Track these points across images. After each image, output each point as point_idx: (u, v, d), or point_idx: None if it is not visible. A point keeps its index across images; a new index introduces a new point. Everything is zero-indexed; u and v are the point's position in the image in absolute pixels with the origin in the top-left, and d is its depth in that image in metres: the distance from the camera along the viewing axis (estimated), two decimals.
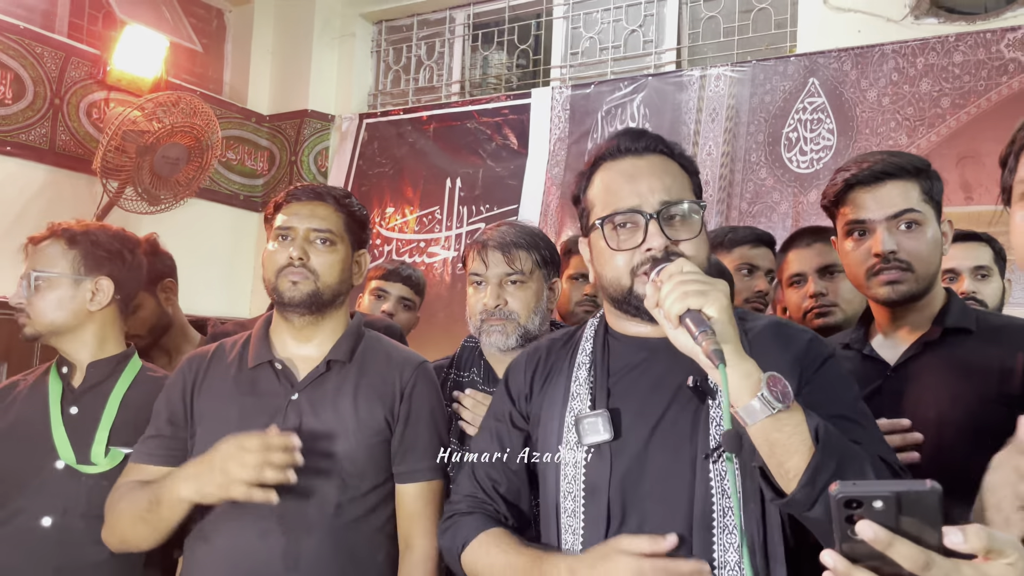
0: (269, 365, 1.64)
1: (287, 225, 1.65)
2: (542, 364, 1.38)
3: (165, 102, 3.70)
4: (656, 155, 1.28)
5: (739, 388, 1.04)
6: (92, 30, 4.14)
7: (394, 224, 4.56)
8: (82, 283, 1.79)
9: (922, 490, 0.70)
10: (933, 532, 0.71)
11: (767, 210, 3.58)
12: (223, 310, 4.13)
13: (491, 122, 4.37)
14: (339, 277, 1.66)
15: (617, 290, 1.25)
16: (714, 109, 3.76)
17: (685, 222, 1.24)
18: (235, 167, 4.67)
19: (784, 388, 1.03)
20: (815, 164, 3.50)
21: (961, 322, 1.48)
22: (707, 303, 1.05)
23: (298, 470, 1.51)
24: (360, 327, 1.73)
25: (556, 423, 1.27)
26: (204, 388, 1.64)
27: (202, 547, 1.56)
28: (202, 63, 4.68)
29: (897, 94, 3.34)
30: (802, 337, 1.26)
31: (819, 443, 1.02)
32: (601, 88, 4.05)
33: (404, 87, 4.85)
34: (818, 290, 2.04)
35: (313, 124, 4.78)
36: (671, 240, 1.21)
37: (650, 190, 1.23)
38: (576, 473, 1.22)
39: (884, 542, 0.70)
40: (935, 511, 0.70)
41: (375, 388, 1.64)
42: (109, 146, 3.58)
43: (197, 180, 3.90)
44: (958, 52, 3.23)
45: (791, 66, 3.60)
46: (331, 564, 1.53)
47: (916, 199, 1.48)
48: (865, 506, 0.71)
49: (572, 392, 1.27)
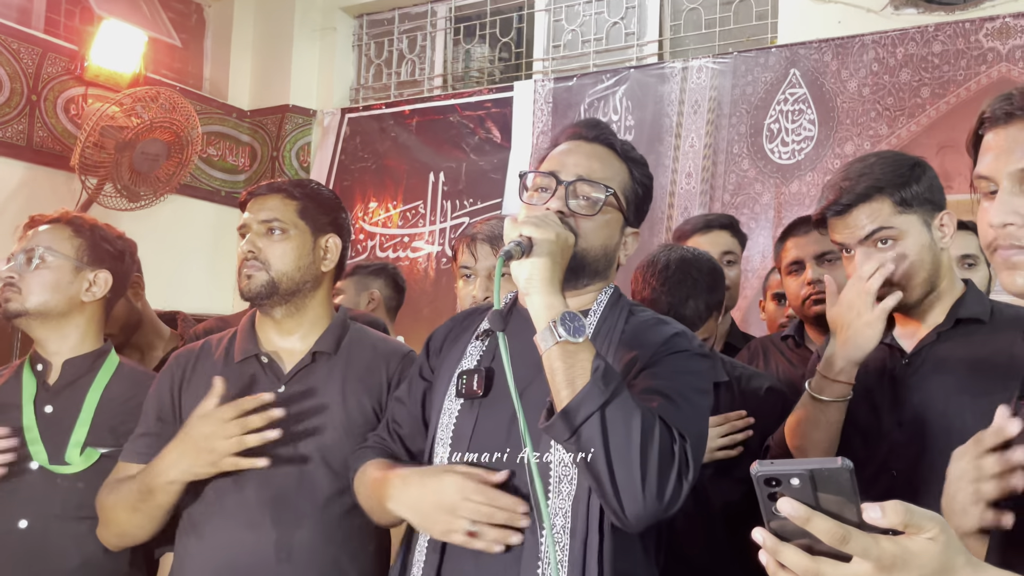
0: (255, 359, 1.65)
1: (244, 223, 1.68)
2: (458, 326, 1.48)
3: (144, 97, 3.67)
4: (603, 146, 1.37)
5: (539, 316, 1.16)
6: (69, 25, 4.10)
7: (377, 219, 4.55)
8: (82, 272, 1.78)
9: (834, 467, 0.71)
10: (852, 508, 0.72)
11: (749, 201, 3.59)
12: (206, 307, 4.10)
13: (474, 116, 4.35)
14: (295, 264, 1.64)
15: None
16: (696, 101, 3.76)
17: (591, 204, 1.31)
18: (216, 163, 4.64)
19: (579, 325, 1.14)
20: (797, 155, 3.51)
21: (974, 313, 1.49)
22: (537, 231, 1.18)
23: (288, 462, 1.51)
24: (345, 319, 1.73)
25: (447, 378, 1.37)
26: (192, 384, 1.64)
27: (193, 541, 1.56)
28: (181, 58, 4.64)
29: (877, 84, 3.35)
30: (670, 330, 1.32)
31: (592, 377, 1.11)
32: (584, 81, 4.05)
33: (386, 81, 4.83)
34: (815, 277, 2.06)
35: (295, 119, 4.75)
36: (570, 211, 1.29)
37: (574, 164, 1.32)
38: (448, 422, 1.32)
39: (802, 518, 0.71)
40: (849, 487, 0.71)
41: (362, 379, 1.64)
42: (87, 142, 3.54)
43: (177, 176, 3.88)
44: (937, 42, 3.25)
45: (772, 57, 3.61)
46: (323, 555, 1.54)
47: (887, 215, 1.48)
48: (784, 484, 0.73)
49: (467, 352, 1.38)
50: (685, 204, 3.70)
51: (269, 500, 1.52)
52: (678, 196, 3.73)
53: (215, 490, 1.54)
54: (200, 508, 1.56)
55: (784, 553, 0.74)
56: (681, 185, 3.75)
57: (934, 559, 0.73)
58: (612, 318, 1.33)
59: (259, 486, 1.53)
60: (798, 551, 0.74)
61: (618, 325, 1.32)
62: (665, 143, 3.79)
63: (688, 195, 3.72)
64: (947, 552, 0.73)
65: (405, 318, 3.19)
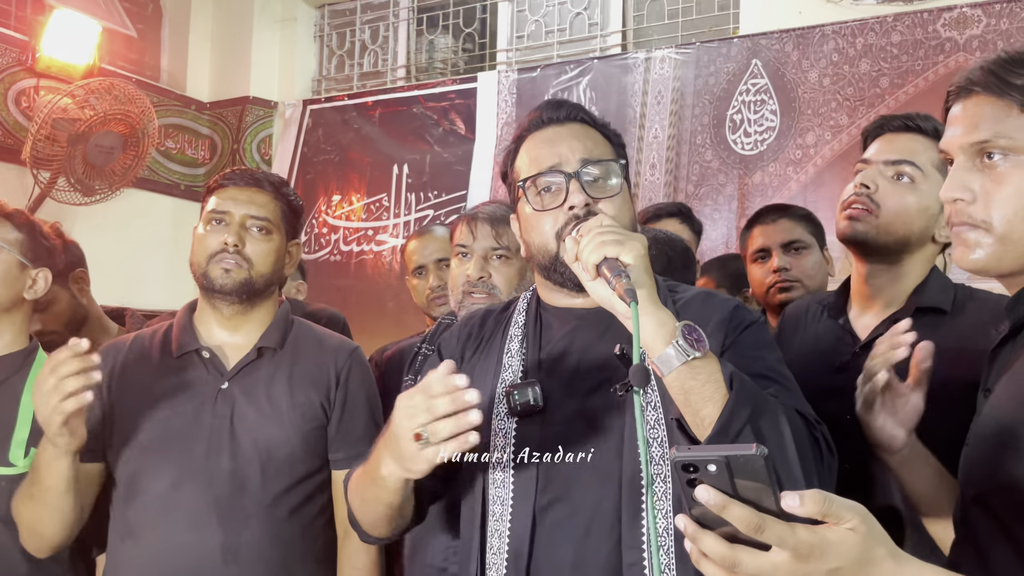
0: (195, 354, 1.60)
1: (222, 209, 1.60)
2: (475, 334, 1.38)
3: (97, 89, 3.58)
4: (577, 123, 1.30)
5: (654, 336, 1.04)
6: (20, 15, 3.98)
7: (340, 212, 4.49)
8: (26, 269, 1.73)
9: (748, 454, 0.70)
10: (770, 496, 0.71)
11: (713, 192, 3.59)
12: (166, 303, 4.02)
13: (437, 107, 4.31)
14: (273, 267, 1.63)
15: (545, 256, 1.26)
16: (659, 92, 3.76)
17: (606, 181, 1.25)
18: (175, 156, 4.55)
19: (699, 336, 1.04)
20: (759, 146, 3.52)
21: (936, 302, 1.47)
22: (623, 251, 1.07)
23: (233, 460, 1.47)
24: (289, 314, 1.70)
25: (487, 395, 1.26)
26: (123, 380, 1.58)
27: (129, 546, 1.50)
28: (138, 49, 4.53)
29: (837, 74, 3.37)
30: (728, 304, 1.28)
31: (732, 391, 1.03)
32: (547, 72, 4.03)
33: (348, 72, 4.76)
34: (782, 264, 2.07)
35: (255, 111, 4.67)
36: (592, 198, 1.23)
37: (570, 150, 1.25)
38: (506, 443, 1.21)
39: (719, 505, 0.71)
40: (764, 475, 0.70)
41: (309, 375, 1.61)
42: (39, 135, 3.45)
43: (134, 169, 3.79)
44: (896, 32, 3.27)
45: (734, 48, 3.61)
46: (271, 555, 1.50)
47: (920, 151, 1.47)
48: (701, 470, 0.71)
49: (504, 364, 1.28)
50: (649, 195, 3.69)
51: (213, 500, 1.48)
52: (642, 187, 3.73)
53: (151, 493, 1.49)
54: (136, 511, 1.51)
55: (703, 541, 0.73)
56: (645, 176, 3.74)
57: (853, 549, 0.72)
58: (662, 291, 1.27)
59: (201, 486, 1.49)
60: (717, 539, 0.73)
61: (668, 304, 1.24)
62: (629, 134, 3.78)
63: (652, 186, 3.72)
64: (867, 543, 0.73)
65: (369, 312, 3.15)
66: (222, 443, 1.43)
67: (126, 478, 1.53)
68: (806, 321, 1.66)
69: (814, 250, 2.12)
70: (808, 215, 2.19)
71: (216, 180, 1.66)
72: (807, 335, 1.62)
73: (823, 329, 1.60)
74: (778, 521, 0.71)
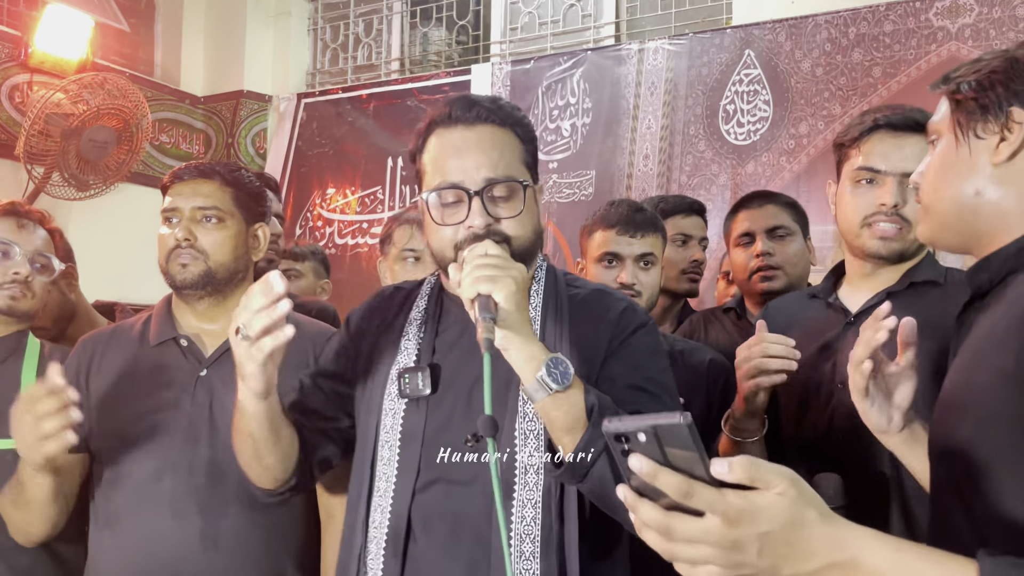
0: (173, 342, 1.60)
1: (172, 206, 1.60)
2: (381, 308, 1.42)
3: (90, 83, 3.58)
4: (487, 125, 1.27)
5: (522, 370, 1.11)
6: (13, 10, 3.98)
7: (335, 205, 4.49)
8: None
9: (674, 422, 0.71)
10: (700, 464, 0.73)
11: (706, 182, 3.59)
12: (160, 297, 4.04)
13: (431, 100, 4.31)
14: (232, 254, 1.61)
15: (442, 261, 1.29)
16: (652, 83, 3.75)
17: (509, 199, 1.25)
18: (169, 150, 4.55)
19: (564, 370, 1.09)
20: (752, 136, 3.52)
21: (929, 275, 1.48)
22: (495, 288, 1.09)
23: (212, 448, 1.47)
24: None
25: (382, 375, 1.32)
26: (102, 369, 1.58)
27: (108, 536, 1.51)
28: (131, 44, 4.53)
29: (830, 64, 3.36)
30: (618, 305, 1.32)
31: (591, 420, 1.09)
32: (541, 63, 4.02)
33: (342, 65, 4.76)
34: (765, 249, 2.08)
35: (250, 105, 4.67)
36: (494, 218, 1.23)
37: (475, 166, 1.23)
38: (395, 423, 1.27)
39: (649, 473, 0.73)
40: (690, 442, 0.71)
41: (288, 360, 1.60)
42: (32, 130, 3.46)
43: (127, 164, 3.79)
44: (888, 21, 3.26)
45: (727, 38, 3.61)
46: (252, 541, 1.51)
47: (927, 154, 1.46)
48: (633, 440, 0.74)
49: (401, 347, 1.32)
50: (643, 186, 3.70)
51: (192, 488, 1.48)
52: (636, 178, 3.73)
53: (131, 482, 1.50)
54: (115, 502, 1.51)
55: (641, 509, 0.75)
56: (639, 167, 3.74)
57: (783, 513, 0.73)
58: (555, 293, 1.32)
59: (180, 475, 1.49)
60: (653, 507, 0.75)
61: (562, 300, 1.31)
62: (622, 125, 3.78)
63: (645, 177, 3.72)
64: (796, 506, 0.74)
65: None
66: (201, 431, 1.43)
67: (106, 467, 1.54)
68: (795, 307, 1.67)
69: (798, 237, 2.12)
70: (793, 203, 2.19)
71: (167, 179, 1.65)
72: (796, 319, 1.62)
73: (812, 310, 1.62)
74: (708, 487, 0.73)
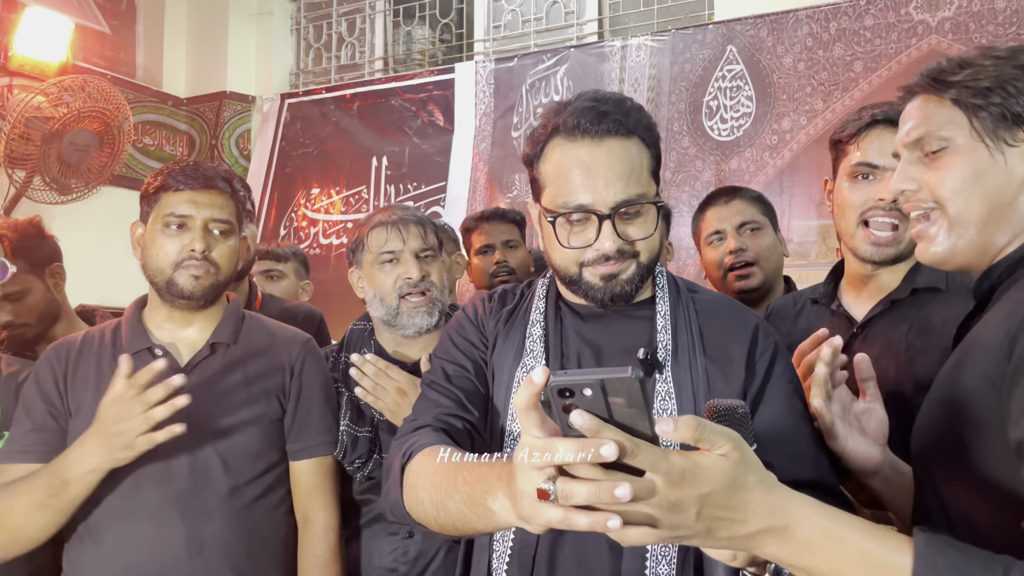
0: (148, 352, 1.58)
1: (184, 212, 1.56)
2: (503, 310, 1.34)
3: (71, 86, 3.56)
4: (616, 138, 1.18)
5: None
6: None
7: (320, 205, 4.48)
8: None
9: (624, 376, 0.69)
10: (645, 421, 0.71)
11: (690, 179, 3.60)
12: None
13: (415, 99, 4.30)
14: (234, 266, 1.63)
15: (565, 276, 1.24)
16: (636, 79, 3.76)
17: (640, 216, 1.20)
18: (153, 152, 4.53)
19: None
20: (736, 132, 3.53)
21: (931, 281, 1.47)
22: None
23: (192, 455, 1.47)
24: (240, 308, 1.69)
25: (507, 376, 1.26)
26: (77, 379, 1.57)
27: (90, 547, 1.49)
28: (112, 46, 4.50)
29: (812, 59, 3.38)
30: (749, 321, 1.26)
31: None
32: (524, 61, 4.02)
33: (326, 65, 4.74)
34: (738, 246, 2.05)
35: (233, 106, 4.65)
36: (624, 240, 1.19)
37: (606, 185, 1.16)
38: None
39: (592, 430, 0.70)
40: (639, 398, 0.70)
41: (264, 367, 1.61)
42: (12, 134, 3.43)
43: (110, 167, 3.77)
44: (869, 15, 3.28)
45: (709, 34, 3.62)
46: (235, 546, 1.51)
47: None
48: (577, 395, 0.71)
49: (527, 348, 1.26)
50: None
51: (174, 496, 1.48)
52: None
53: (112, 493, 1.48)
54: (97, 513, 1.49)
55: (579, 467, 0.72)
56: None
57: (724, 474, 0.73)
58: (680, 301, 1.28)
59: (161, 483, 1.49)
60: (592, 466, 0.72)
61: (689, 307, 1.26)
62: None
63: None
64: (738, 469, 0.74)
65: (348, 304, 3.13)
66: (180, 439, 1.42)
67: None
68: (795, 313, 1.66)
69: (768, 230, 2.11)
70: (760, 197, 2.18)
71: (164, 180, 1.59)
72: (799, 327, 1.61)
73: (815, 317, 1.60)
74: (651, 446, 0.71)
